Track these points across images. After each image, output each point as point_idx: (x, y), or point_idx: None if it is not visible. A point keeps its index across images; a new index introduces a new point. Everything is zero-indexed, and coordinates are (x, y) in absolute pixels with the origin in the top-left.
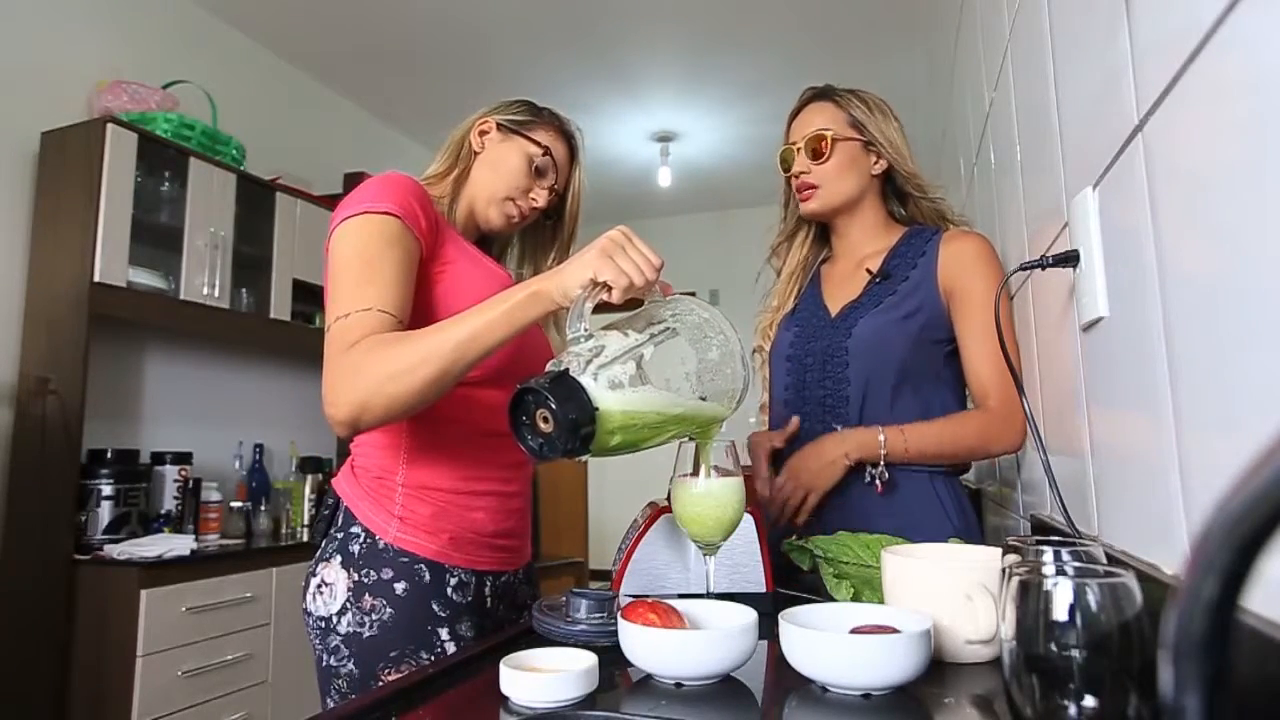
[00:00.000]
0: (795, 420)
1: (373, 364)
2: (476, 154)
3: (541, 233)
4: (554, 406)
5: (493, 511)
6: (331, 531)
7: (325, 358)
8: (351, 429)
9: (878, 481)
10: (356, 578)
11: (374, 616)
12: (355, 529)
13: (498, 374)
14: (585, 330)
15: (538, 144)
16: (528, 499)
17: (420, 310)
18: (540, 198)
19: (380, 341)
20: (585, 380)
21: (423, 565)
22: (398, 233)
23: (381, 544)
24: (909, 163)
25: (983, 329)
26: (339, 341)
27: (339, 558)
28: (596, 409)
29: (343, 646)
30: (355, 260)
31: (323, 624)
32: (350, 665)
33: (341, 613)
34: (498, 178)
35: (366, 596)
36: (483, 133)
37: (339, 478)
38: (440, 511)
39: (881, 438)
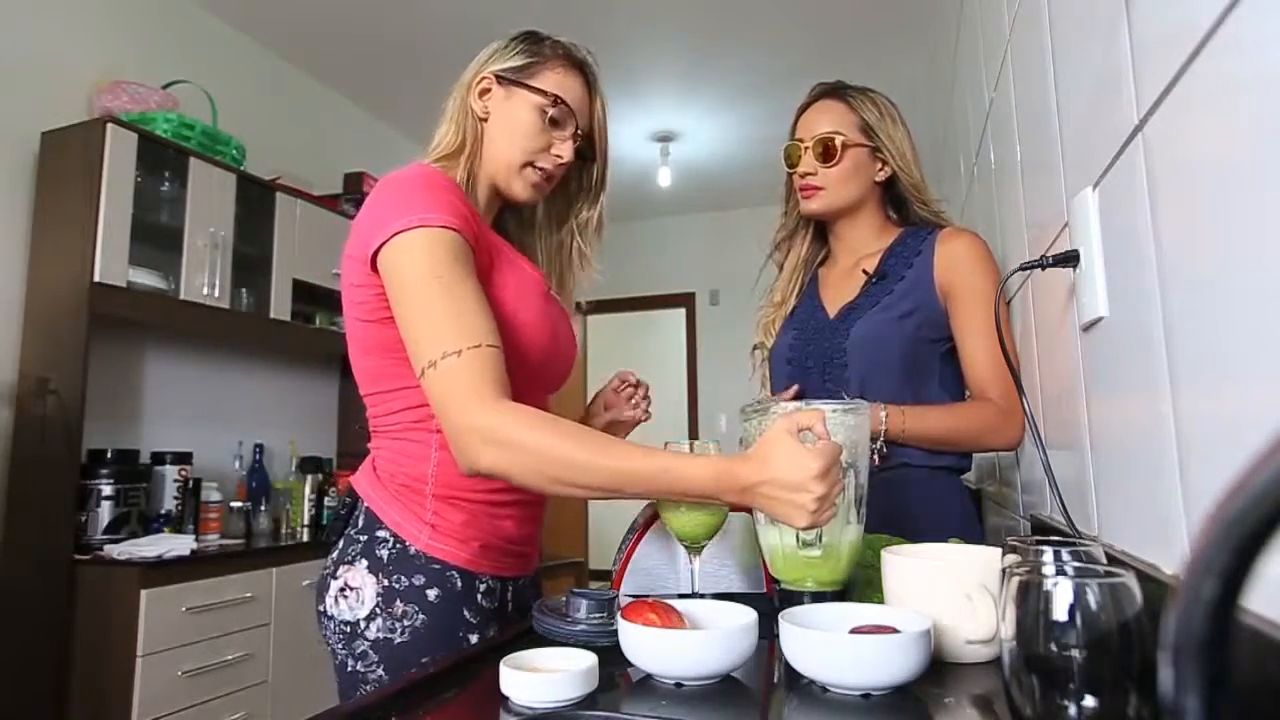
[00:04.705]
0: (794, 389)
1: (546, 450)
2: (483, 120)
3: (569, 177)
4: None
5: (519, 520)
6: (351, 533)
7: (448, 395)
8: (473, 475)
9: (876, 456)
10: (386, 583)
11: (405, 623)
12: (382, 533)
13: (529, 377)
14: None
15: (545, 94)
16: (545, 506)
17: None
18: (565, 151)
19: (562, 433)
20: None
21: (454, 573)
22: (461, 248)
23: (412, 550)
24: (914, 173)
25: (981, 326)
26: (465, 382)
27: (364, 562)
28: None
29: (371, 652)
30: (433, 284)
31: (348, 628)
32: (380, 671)
33: (370, 618)
34: (511, 143)
35: (398, 602)
36: (484, 92)
37: (359, 477)
38: (471, 519)
39: (883, 414)
